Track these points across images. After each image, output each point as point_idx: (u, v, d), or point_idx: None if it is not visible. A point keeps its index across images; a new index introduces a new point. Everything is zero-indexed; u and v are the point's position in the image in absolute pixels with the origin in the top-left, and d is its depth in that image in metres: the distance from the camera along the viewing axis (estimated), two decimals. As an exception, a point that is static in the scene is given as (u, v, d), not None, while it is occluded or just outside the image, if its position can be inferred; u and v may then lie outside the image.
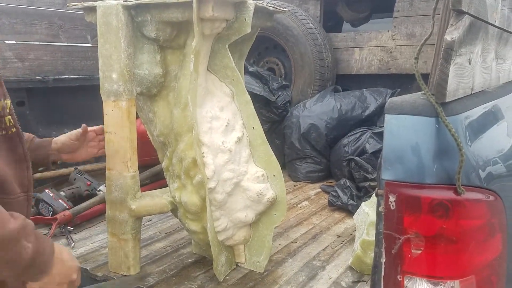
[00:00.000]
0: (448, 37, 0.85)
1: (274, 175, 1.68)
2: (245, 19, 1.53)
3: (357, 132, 2.82)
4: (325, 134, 2.94)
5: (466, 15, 0.89)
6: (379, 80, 3.35)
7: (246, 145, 1.66)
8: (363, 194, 2.43)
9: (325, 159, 3.01)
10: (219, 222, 1.62)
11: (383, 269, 0.92)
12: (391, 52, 3.26)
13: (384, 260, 0.91)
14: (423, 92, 0.90)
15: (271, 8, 1.72)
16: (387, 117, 0.89)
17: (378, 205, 0.93)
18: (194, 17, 1.40)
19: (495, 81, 1.34)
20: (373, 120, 3.04)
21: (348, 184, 2.50)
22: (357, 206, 2.14)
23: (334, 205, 2.45)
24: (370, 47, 3.34)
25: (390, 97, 3.02)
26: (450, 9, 0.88)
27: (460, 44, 0.88)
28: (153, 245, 1.98)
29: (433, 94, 0.87)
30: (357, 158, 2.56)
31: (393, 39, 3.24)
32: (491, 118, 1.14)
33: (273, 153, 1.67)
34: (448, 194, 0.86)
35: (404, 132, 0.88)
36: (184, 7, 1.45)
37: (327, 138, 2.95)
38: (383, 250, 0.91)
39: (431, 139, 0.87)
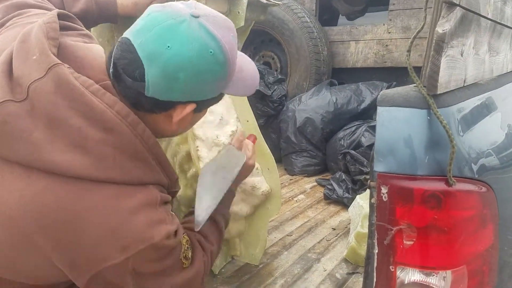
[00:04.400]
0: (439, 29, 0.85)
1: (268, 169, 1.68)
2: (239, 12, 1.53)
3: (353, 126, 2.83)
4: (321, 127, 2.95)
5: (458, 7, 0.89)
6: (374, 74, 3.35)
7: (240, 138, 1.66)
8: (358, 187, 2.44)
9: (321, 152, 3.01)
10: (214, 216, 1.62)
11: (375, 260, 0.93)
12: (386, 45, 3.25)
13: (376, 251, 0.92)
14: (415, 84, 0.91)
15: (265, 1, 1.71)
16: (379, 109, 0.89)
17: (371, 196, 0.93)
18: (188, 10, 1.40)
19: (488, 73, 1.34)
20: (368, 113, 3.05)
21: (343, 177, 2.50)
22: (353, 199, 2.15)
23: (330, 198, 2.46)
24: (366, 40, 3.34)
25: (385, 91, 3.01)
26: (441, 1, 0.88)
27: (451, 36, 0.88)
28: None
29: (424, 86, 0.87)
30: (352, 152, 2.57)
31: (389, 32, 3.23)
32: (484, 111, 1.14)
33: (267, 146, 1.67)
34: (441, 185, 0.86)
35: (396, 124, 0.88)
36: (178, 0, 1.44)
37: (323, 132, 2.96)
38: (375, 241, 0.91)
39: (423, 131, 0.87)
